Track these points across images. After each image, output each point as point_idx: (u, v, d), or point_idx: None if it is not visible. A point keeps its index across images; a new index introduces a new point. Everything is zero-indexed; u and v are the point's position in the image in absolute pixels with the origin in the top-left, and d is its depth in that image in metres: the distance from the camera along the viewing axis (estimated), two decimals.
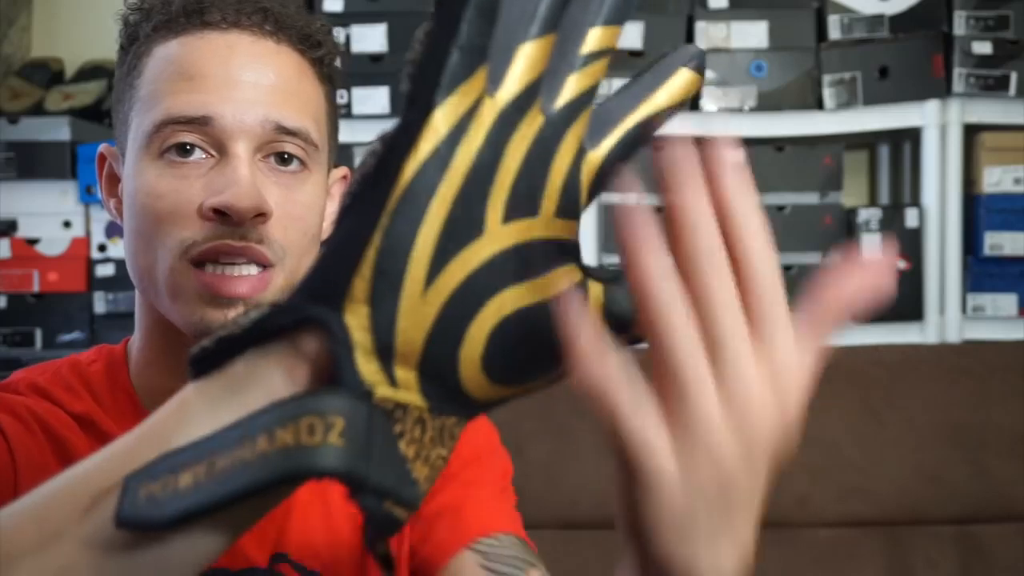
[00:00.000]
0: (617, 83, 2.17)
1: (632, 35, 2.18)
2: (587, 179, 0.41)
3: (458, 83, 0.37)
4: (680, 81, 0.44)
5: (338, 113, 0.84)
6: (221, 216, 0.72)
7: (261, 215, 0.73)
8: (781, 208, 2.19)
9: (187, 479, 0.38)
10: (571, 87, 0.40)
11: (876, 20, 2.19)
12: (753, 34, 2.20)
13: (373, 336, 0.38)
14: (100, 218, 2.24)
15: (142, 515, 0.38)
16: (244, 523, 0.42)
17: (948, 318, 2.16)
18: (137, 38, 0.78)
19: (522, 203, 0.39)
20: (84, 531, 0.40)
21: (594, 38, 0.41)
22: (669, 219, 0.38)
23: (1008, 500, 1.96)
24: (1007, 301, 2.19)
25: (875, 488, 1.96)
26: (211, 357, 0.41)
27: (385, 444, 0.38)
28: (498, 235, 0.38)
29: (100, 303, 2.24)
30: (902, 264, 2.19)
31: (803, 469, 1.95)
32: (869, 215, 2.20)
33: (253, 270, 0.74)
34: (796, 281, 2.15)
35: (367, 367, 0.38)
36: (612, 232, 2.07)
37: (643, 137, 0.43)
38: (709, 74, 2.20)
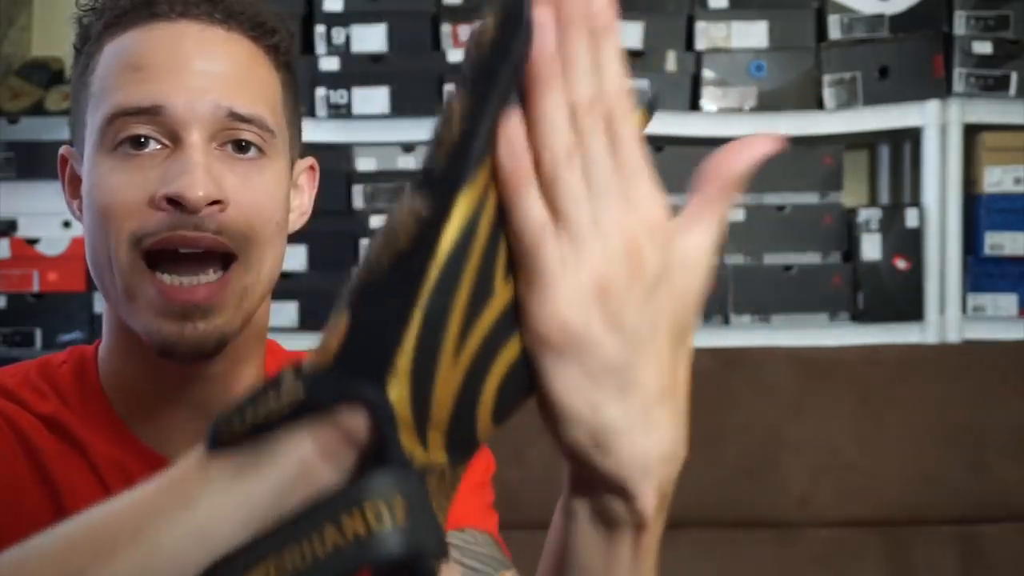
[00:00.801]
0: None
1: (632, 35, 2.18)
2: None
3: (480, 164, 0.39)
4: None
5: (299, 101, 0.83)
6: (175, 205, 0.71)
7: (216, 203, 0.72)
8: (781, 208, 2.19)
9: None
10: None
11: (876, 20, 2.19)
12: (753, 34, 2.20)
13: (413, 408, 0.39)
14: None
15: None
16: None
17: (948, 318, 2.16)
18: (89, 37, 0.77)
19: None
20: None
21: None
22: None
23: (1008, 500, 1.96)
24: (1007, 301, 2.19)
25: (875, 488, 1.96)
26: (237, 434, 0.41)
27: (429, 508, 0.40)
28: (502, 292, 0.40)
29: (100, 303, 2.23)
30: (902, 264, 2.19)
31: (803, 469, 1.95)
32: (869, 215, 2.20)
33: (211, 276, 0.73)
34: (796, 281, 2.15)
35: (407, 439, 0.39)
36: None
37: None
38: (709, 74, 2.20)
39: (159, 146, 0.73)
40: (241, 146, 0.74)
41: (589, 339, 0.40)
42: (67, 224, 2.24)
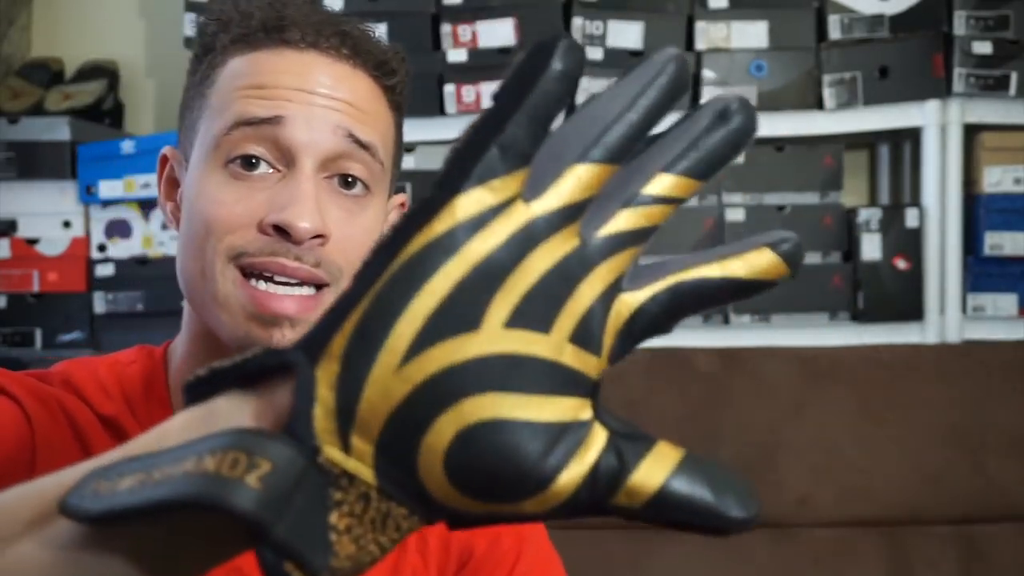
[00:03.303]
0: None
1: (632, 35, 2.18)
2: (617, 319, 0.39)
3: (490, 177, 0.37)
4: (762, 262, 0.42)
5: (403, 143, 0.84)
6: (280, 233, 0.72)
7: (320, 236, 0.72)
8: (781, 208, 2.19)
9: (128, 483, 0.38)
10: (620, 221, 0.38)
11: (876, 20, 2.19)
12: (753, 34, 2.20)
13: (337, 396, 0.37)
14: (100, 218, 2.24)
15: (79, 506, 0.38)
16: (180, 557, 0.41)
17: (948, 318, 2.16)
18: (213, 48, 0.78)
19: (532, 314, 0.37)
20: (43, 530, 0.40)
21: (664, 183, 0.39)
22: None
23: (1008, 500, 1.96)
24: (1007, 301, 2.19)
25: (875, 488, 1.96)
26: (202, 386, 0.41)
27: (311, 505, 0.37)
28: (494, 336, 0.37)
29: (100, 303, 2.24)
30: (902, 264, 2.19)
31: (803, 469, 1.95)
32: (869, 215, 2.20)
33: (305, 290, 0.73)
34: (796, 281, 2.15)
35: (323, 424, 0.37)
36: None
37: (698, 300, 0.40)
38: (709, 74, 2.20)
39: (270, 170, 0.74)
40: (348, 181, 0.75)
41: None
42: (67, 224, 2.24)
